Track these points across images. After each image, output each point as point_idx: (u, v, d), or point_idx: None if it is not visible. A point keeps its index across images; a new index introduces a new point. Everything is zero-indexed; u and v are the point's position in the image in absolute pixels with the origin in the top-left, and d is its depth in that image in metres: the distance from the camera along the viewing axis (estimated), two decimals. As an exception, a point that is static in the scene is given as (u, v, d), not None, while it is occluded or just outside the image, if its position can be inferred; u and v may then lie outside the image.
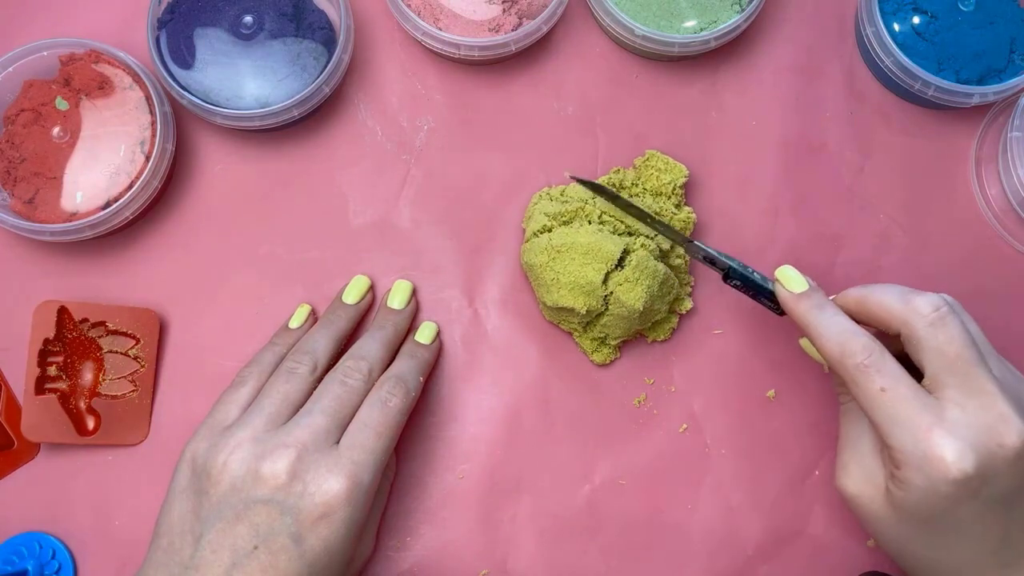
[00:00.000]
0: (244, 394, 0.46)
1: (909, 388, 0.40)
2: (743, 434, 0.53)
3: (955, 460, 0.39)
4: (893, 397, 0.40)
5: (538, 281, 0.50)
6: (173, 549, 0.42)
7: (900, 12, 0.53)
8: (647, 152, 0.53)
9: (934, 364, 0.41)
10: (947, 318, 0.41)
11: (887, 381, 0.41)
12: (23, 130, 0.50)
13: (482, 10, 0.52)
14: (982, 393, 0.40)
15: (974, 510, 0.40)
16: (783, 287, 0.45)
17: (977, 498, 0.39)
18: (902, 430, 0.40)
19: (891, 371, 0.41)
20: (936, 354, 0.41)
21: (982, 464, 0.39)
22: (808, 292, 0.45)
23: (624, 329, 0.50)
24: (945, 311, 0.41)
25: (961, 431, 0.39)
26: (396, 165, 0.54)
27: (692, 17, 0.52)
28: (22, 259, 0.53)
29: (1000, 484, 0.39)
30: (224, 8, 0.51)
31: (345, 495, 0.42)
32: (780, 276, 0.46)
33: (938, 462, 0.39)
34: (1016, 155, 0.52)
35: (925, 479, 0.39)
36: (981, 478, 0.39)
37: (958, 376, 0.40)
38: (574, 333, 0.52)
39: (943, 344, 0.41)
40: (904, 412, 0.40)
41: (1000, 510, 0.40)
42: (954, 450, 0.39)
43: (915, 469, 0.40)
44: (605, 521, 0.52)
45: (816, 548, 0.52)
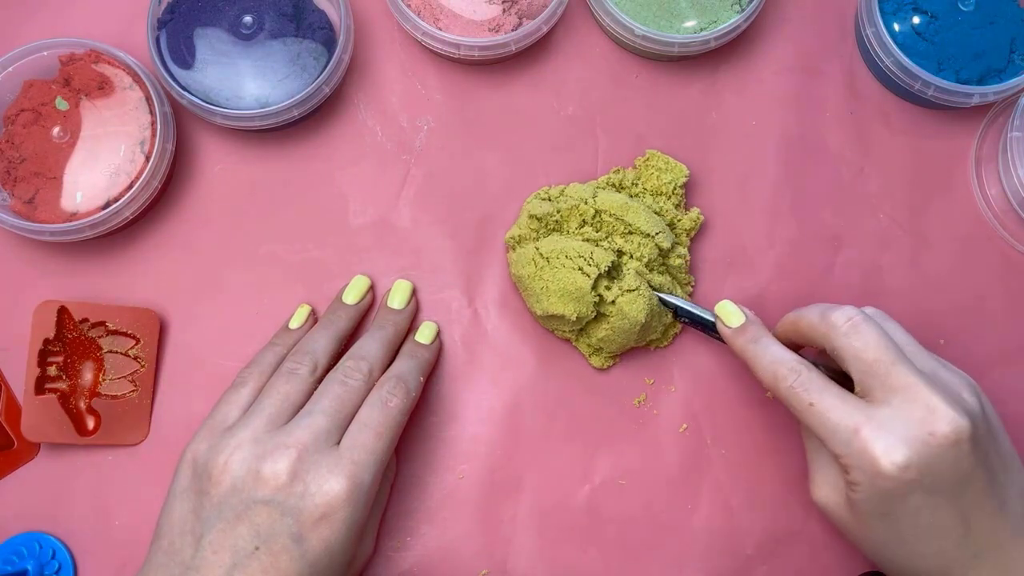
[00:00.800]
0: (244, 395, 0.46)
1: (836, 397, 0.42)
2: (743, 434, 0.53)
3: (884, 453, 0.40)
4: (822, 408, 0.42)
5: (527, 291, 0.50)
6: (174, 550, 0.42)
7: (900, 12, 0.53)
8: (647, 152, 0.53)
9: (857, 370, 0.43)
10: (860, 326, 0.43)
11: (814, 396, 0.43)
12: (23, 130, 0.50)
13: (482, 10, 0.52)
14: (906, 388, 0.41)
15: (922, 502, 0.41)
16: (722, 322, 0.48)
17: (920, 490, 0.41)
18: (836, 436, 0.42)
19: (817, 386, 0.43)
20: (855, 360, 0.43)
21: (914, 455, 0.40)
22: (744, 326, 0.48)
23: (621, 344, 0.50)
24: (858, 319, 0.43)
25: (889, 426, 0.41)
26: (396, 165, 0.54)
27: (692, 17, 0.52)
28: (22, 259, 0.53)
29: (941, 474, 0.40)
30: (224, 8, 0.51)
31: (346, 495, 0.42)
32: (718, 311, 0.49)
33: (871, 458, 0.40)
34: (1016, 155, 0.52)
35: (866, 477, 0.41)
36: (917, 469, 0.40)
37: (879, 377, 0.42)
38: (570, 340, 0.52)
39: (859, 350, 0.43)
40: (834, 419, 0.42)
41: (949, 500, 0.41)
42: (883, 444, 0.40)
43: (856, 470, 0.41)
44: (605, 521, 0.52)
45: (816, 548, 0.52)
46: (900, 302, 0.54)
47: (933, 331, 0.54)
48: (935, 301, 0.54)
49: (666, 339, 0.53)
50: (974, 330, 0.54)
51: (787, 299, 0.54)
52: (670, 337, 0.53)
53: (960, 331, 0.54)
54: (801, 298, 0.53)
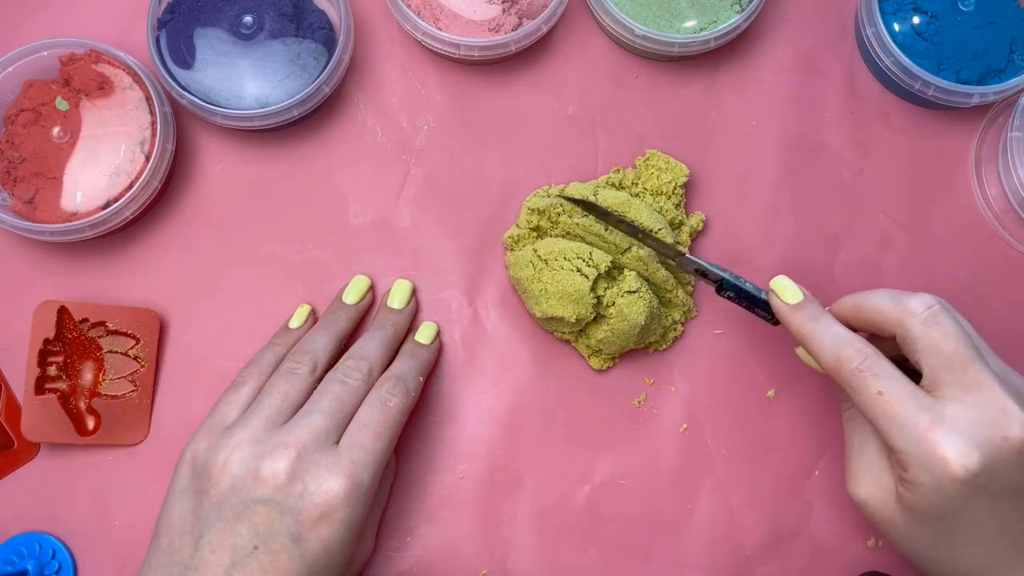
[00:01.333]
0: (244, 394, 0.46)
1: (906, 389, 0.40)
2: (743, 434, 0.53)
3: (958, 458, 0.38)
4: (891, 399, 0.40)
5: (526, 293, 0.50)
6: (173, 549, 0.42)
7: (900, 12, 0.53)
8: (648, 151, 0.53)
9: (931, 362, 0.41)
10: (940, 315, 0.41)
11: (884, 384, 0.41)
12: (23, 130, 0.50)
13: (482, 10, 0.52)
14: (981, 388, 0.40)
15: (985, 506, 0.39)
16: (778, 298, 0.46)
17: (986, 494, 0.39)
18: (903, 432, 0.40)
19: (887, 374, 0.41)
20: (932, 352, 0.41)
21: (987, 459, 0.39)
22: (803, 303, 0.45)
23: (620, 346, 0.50)
24: (938, 309, 0.41)
25: (962, 427, 0.39)
26: (396, 165, 0.54)
27: (692, 17, 0.52)
28: (22, 259, 0.53)
29: (1008, 478, 0.39)
30: (224, 8, 0.51)
31: (345, 495, 0.42)
32: (775, 287, 0.46)
33: (942, 461, 0.39)
34: (1016, 155, 0.52)
35: (932, 479, 0.39)
36: (987, 473, 0.39)
37: (955, 372, 0.40)
38: (569, 341, 0.52)
39: (938, 341, 0.41)
40: (903, 413, 0.40)
41: (1011, 504, 0.40)
42: (956, 448, 0.38)
43: (921, 470, 0.39)
44: (605, 521, 0.52)
45: (816, 548, 0.52)
46: (900, 302, 0.54)
47: (933, 331, 0.54)
48: (935, 301, 0.54)
49: (665, 342, 0.53)
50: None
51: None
52: (669, 340, 0.53)
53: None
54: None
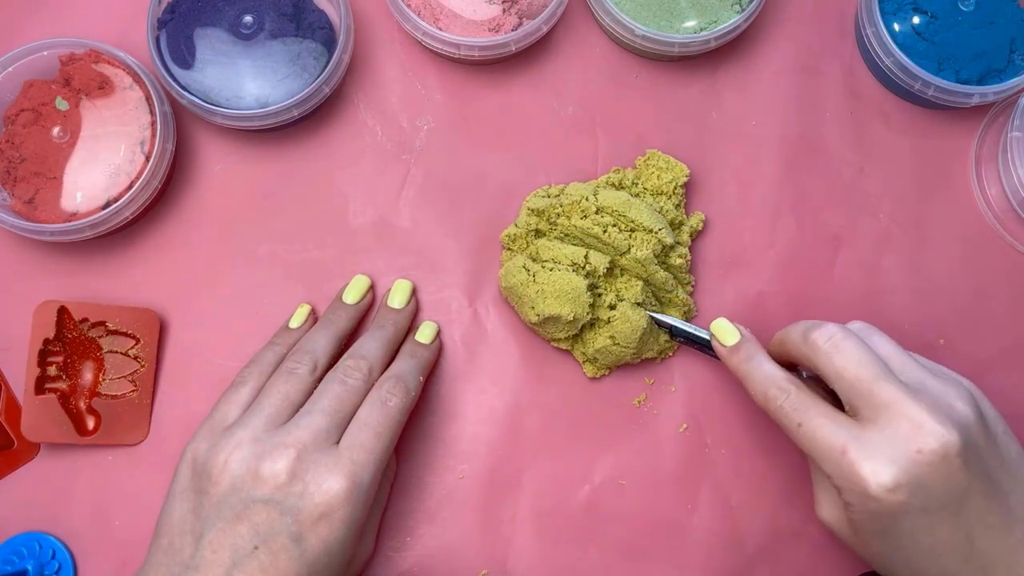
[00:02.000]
0: (244, 394, 0.46)
1: (825, 417, 0.42)
2: (743, 434, 0.53)
3: (873, 476, 0.39)
4: (809, 429, 0.42)
5: (520, 299, 0.50)
6: (173, 549, 0.42)
7: (900, 12, 0.53)
8: (648, 151, 0.53)
9: (841, 389, 0.42)
10: (840, 343, 0.42)
11: (802, 416, 0.42)
12: (23, 130, 0.50)
13: (482, 10, 0.52)
14: (891, 405, 0.40)
15: (918, 522, 0.40)
16: (717, 341, 0.48)
17: (913, 510, 0.40)
18: (825, 458, 0.41)
19: (806, 406, 0.42)
20: (838, 380, 0.42)
21: (903, 474, 0.39)
22: (739, 344, 0.47)
23: (617, 356, 0.50)
24: (839, 337, 0.43)
25: (876, 447, 0.40)
26: (396, 165, 0.54)
27: (692, 17, 0.52)
28: (22, 259, 0.53)
29: (933, 491, 0.39)
30: (224, 8, 0.51)
31: (345, 495, 0.42)
32: (714, 330, 0.48)
33: (860, 481, 0.40)
34: (1016, 155, 0.52)
35: (857, 499, 0.40)
36: (907, 489, 0.39)
37: (863, 396, 0.41)
38: (567, 350, 0.52)
39: (840, 369, 0.42)
40: (821, 440, 0.41)
41: (947, 516, 0.40)
42: (870, 467, 0.39)
43: (847, 491, 0.41)
44: (605, 521, 0.52)
45: (816, 548, 0.52)
46: (900, 302, 0.54)
47: (933, 331, 0.54)
48: (935, 301, 0.54)
49: (660, 357, 0.53)
50: (974, 330, 0.54)
51: (787, 299, 0.54)
52: (664, 357, 0.53)
53: (960, 331, 0.54)
54: (801, 298, 0.53)
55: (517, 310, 0.51)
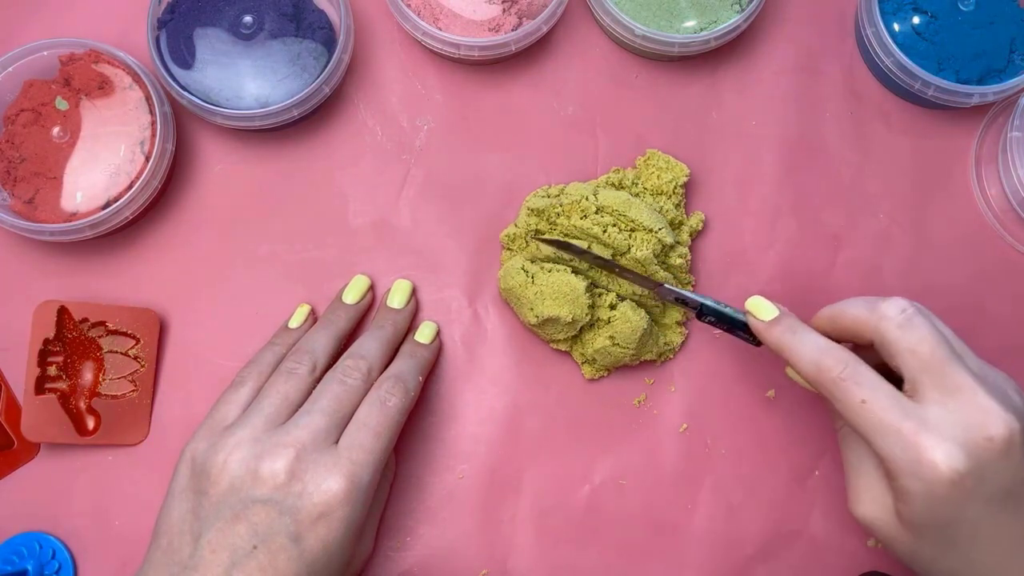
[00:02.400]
0: (244, 394, 0.46)
1: (889, 396, 0.40)
2: (743, 434, 0.53)
3: (944, 460, 0.38)
4: (874, 407, 0.40)
5: (519, 300, 0.50)
6: (172, 549, 0.42)
7: (900, 12, 0.53)
8: (648, 151, 0.53)
9: (910, 366, 0.41)
10: (915, 319, 0.41)
11: (866, 392, 0.40)
12: (23, 130, 0.50)
13: (482, 10, 0.52)
14: (961, 389, 0.39)
15: (980, 510, 0.39)
16: (755, 317, 0.45)
17: (978, 497, 0.39)
18: (889, 439, 0.39)
19: (869, 381, 0.41)
20: (909, 355, 0.41)
21: (973, 460, 0.38)
22: (779, 318, 0.45)
23: (616, 357, 0.50)
24: (912, 312, 0.41)
25: (946, 430, 0.39)
26: (396, 165, 0.54)
27: (692, 17, 0.52)
28: (22, 259, 0.53)
29: (998, 479, 0.39)
30: (224, 8, 0.51)
31: (344, 495, 0.42)
32: (750, 307, 0.46)
33: (929, 465, 0.38)
34: (1016, 155, 0.52)
35: (922, 485, 0.39)
36: (976, 475, 0.38)
37: (934, 375, 0.40)
38: (566, 351, 0.52)
39: (914, 344, 0.40)
40: (887, 420, 0.39)
41: (1008, 507, 0.39)
42: (942, 451, 0.38)
43: (910, 477, 0.39)
44: (605, 521, 0.52)
45: (816, 548, 0.52)
46: (900, 302, 0.54)
47: (933, 331, 0.54)
48: (935, 301, 0.54)
49: (659, 360, 0.53)
50: (974, 330, 0.54)
51: (787, 299, 0.53)
52: (664, 360, 0.53)
53: (960, 331, 0.53)
54: (801, 298, 0.53)
55: (516, 311, 0.51)
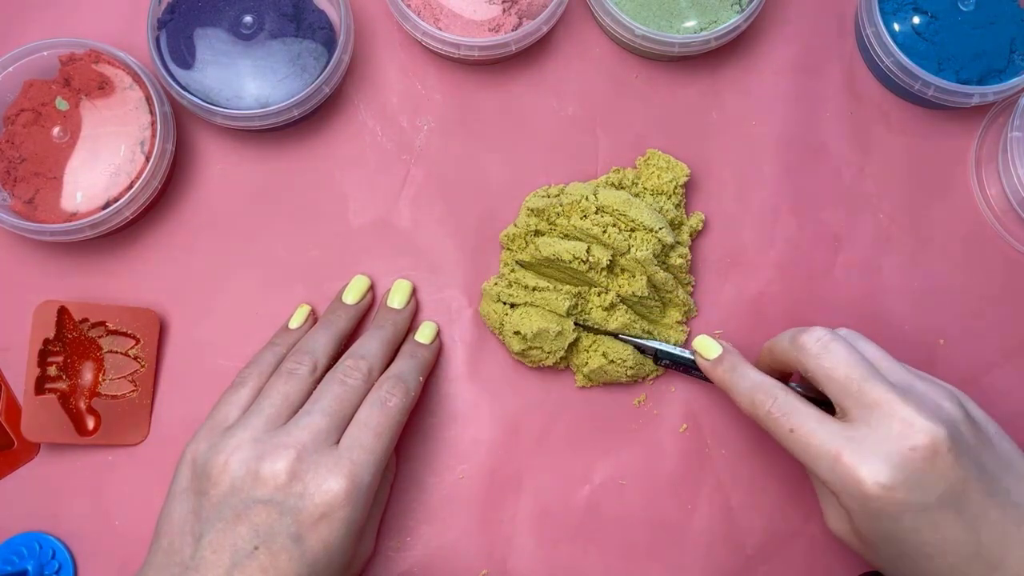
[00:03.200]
0: (244, 395, 0.46)
1: (816, 421, 0.41)
2: (743, 434, 0.53)
3: (869, 476, 0.39)
4: (802, 433, 0.41)
5: (503, 328, 0.51)
6: (173, 549, 0.42)
7: (900, 12, 0.53)
8: (648, 151, 0.53)
9: (831, 391, 0.42)
10: (830, 345, 0.43)
11: (793, 421, 0.42)
12: (23, 130, 0.50)
13: (482, 10, 0.52)
14: (879, 403, 0.40)
15: (918, 520, 0.40)
16: (700, 356, 0.48)
17: (912, 507, 0.39)
18: (819, 462, 0.41)
19: (796, 410, 0.42)
20: (828, 381, 0.42)
21: (899, 472, 0.39)
22: (721, 357, 0.47)
23: (608, 377, 0.51)
24: (827, 339, 0.43)
25: (869, 447, 0.40)
26: (396, 165, 0.54)
27: (692, 17, 0.52)
28: (22, 259, 0.53)
29: (930, 487, 0.39)
30: (224, 8, 0.51)
31: (345, 495, 0.42)
32: (696, 346, 0.48)
33: (856, 483, 0.40)
34: (1016, 155, 0.52)
35: (856, 503, 0.40)
36: (904, 487, 0.39)
37: (852, 395, 0.41)
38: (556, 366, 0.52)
39: (829, 370, 0.42)
40: (815, 444, 0.41)
41: (948, 513, 0.40)
42: (867, 467, 0.39)
43: (845, 495, 0.40)
44: (605, 521, 0.52)
45: (816, 548, 0.52)
46: (900, 302, 0.54)
47: (933, 331, 0.54)
48: (935, 301, 0.54)
49: (653, 375, 0.53)
50: (974, 330, 0.54)
51: (787, 299, 0.54)
52: (656, 376, 0.53)
53: (960, 331, 0.54)
54: (801, 298, 0.53)
55: (505, 343, 0.51)
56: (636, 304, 0.51)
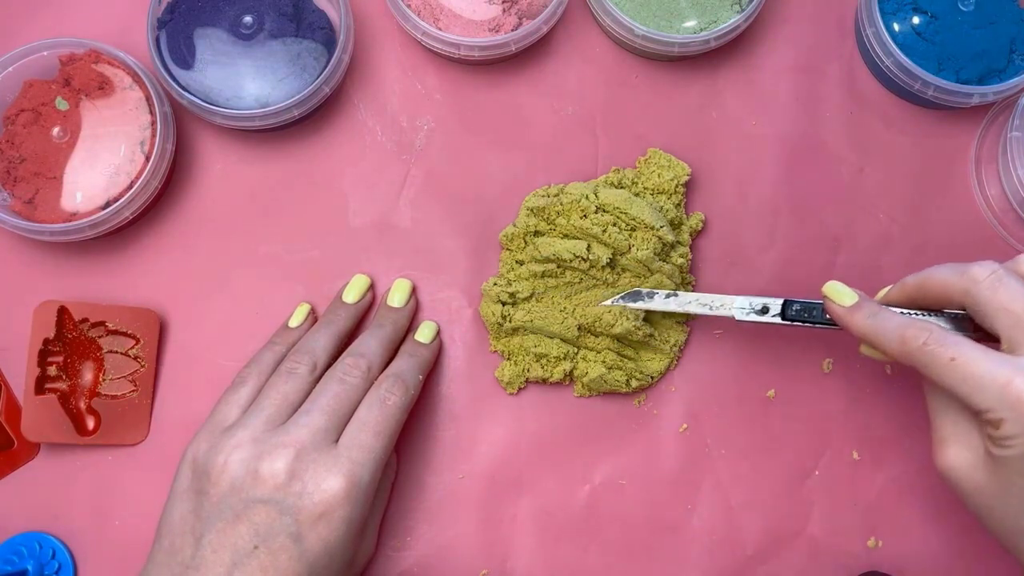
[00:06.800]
0: (244, 394, 0.46)
1: (979, 350, 0.40)
2: (743, 434, 0.53)
3: None
4: (965, 361, 0.40)
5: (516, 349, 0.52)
6: (174, 549, 0.42)
7: (900, 12, 0.53)
8: (649, 151, 0.53)
9: (1004, 324, 0.40)
10: (1004, 278, 0.41)
11: (953, 351, 0.40)
12: (23, 130, 0.50)
13: (482, 10, 0.52)
14: None
15: None
16: (834, 303, 0.45)
17: None
18: (984, 390, 0.39)
19: (955, 340, 0.41)
20: (1003, 313, 0.40)
21: None
22: (859, 304, 0.45)
23: (608, 387, 0.51)
24: (1001, 272, 0.41)
25: None
26: (396, 165, 0.54)
27: (692, 17, 0.52)
28: (22, 259, 0.53)
29: None
30: (224, 8, 0.51)
31: (344, 494, 0.42)
32: (829, 292, 0.46)
33: None
34: (1016, 155, 0.52)
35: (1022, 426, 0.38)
36: None
37: None
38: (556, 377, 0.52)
39: (1006, 302, 0.40)
40: (980, 371, 0.39)
41: None
42: None
43: (1013, 422, 0.38)
44: (605, 521, 0.52)
45: (816, 548, 0.52)
46: (900, 302, 0.54)
47: (933, 331, 0.54)
48: (935, 301, 0.54)
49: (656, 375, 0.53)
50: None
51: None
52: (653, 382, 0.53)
53: (960, 331, 0.54)
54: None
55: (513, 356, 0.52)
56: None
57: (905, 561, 0.51)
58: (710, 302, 0.48)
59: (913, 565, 0.52)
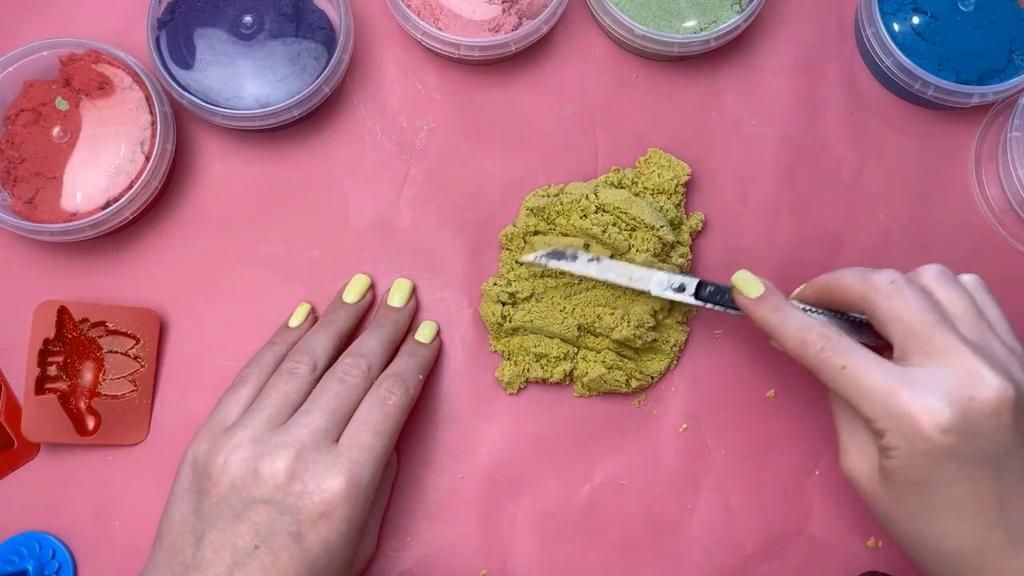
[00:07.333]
0: (244, 394, 0.46)
1: (870, 360, 0.40)
2: (743, 434, 0.53)
3: (927, 413, 0.38)
4: (855, 371, 0.40)
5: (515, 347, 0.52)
6: (175, 549, 0.42)
7: (900, 12, 0.53)
8: (649, 150, 0.53)
9: (897, 333, 0.41)
10: (903, 288, 0.41)
11: (846, 359, 0.41)
12: (23, 130, 0.50)
13: (482, 10, 0.52)
14: (948, 352, 0.39)
15: (959, 472, 0.39)
16: (740, 294, 0.46)
17: (958, 457, 0.38)
18: (870, 399, 0.40)
19: (849, 349, 0.41)
20: (896, 323, 0.41)
21: (956, 416, 0.38)
22: (765, 295, 0.45)
23: (608, 387, 0.51)
24: (901, 282, 0.42)
25: (930, 387, 0.39)
26: (396, 165, 0.54)
27: (692, 17, 0.52)
28: (22, 259, 0.53)
29: (981, 442, 0.38)
30: (224, 8, 0.51)
31: (344, 494, 0.42)
32: (737, 282, 0.46)
33: (910, 419, 0.38)
34: (1016, 155, 0.52)
35: (904, 440, 0.39)
36: (958, 433, 0.38)
37: (920, 340, 0.40)
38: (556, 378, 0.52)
39: (900, 312, 0.41)
40: (868, 381, 0.40)
41: (988, 473, 0.39)
42: (925, 403, 0.38)
43: (893, 433, 0.39)
44: (605, 521, 0.52)
45: (816, 548, 0.52)
46: (900, 302, 0.54)
47: (933, 331, 0.54)
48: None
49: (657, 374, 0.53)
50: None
51: (787, 299, 0.54)
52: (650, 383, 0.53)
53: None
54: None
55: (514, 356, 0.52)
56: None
57: (905, 561, 0.52)
58: (630, 273, 0.48)
59: (913, 565, 0.52)
